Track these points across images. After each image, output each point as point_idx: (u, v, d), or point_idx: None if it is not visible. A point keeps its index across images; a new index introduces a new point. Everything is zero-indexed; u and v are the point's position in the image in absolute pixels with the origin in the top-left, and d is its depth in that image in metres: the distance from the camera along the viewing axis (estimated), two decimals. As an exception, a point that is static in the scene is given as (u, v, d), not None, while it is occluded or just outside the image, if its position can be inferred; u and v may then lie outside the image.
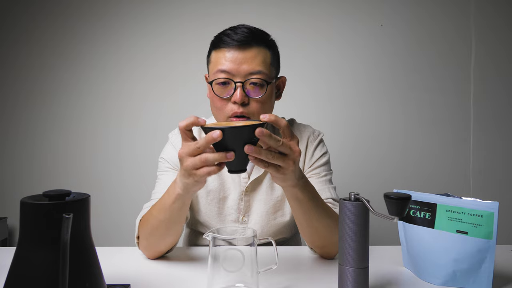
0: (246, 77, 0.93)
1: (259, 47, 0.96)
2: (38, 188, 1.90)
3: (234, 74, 0.93)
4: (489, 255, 0.76)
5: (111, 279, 0.79)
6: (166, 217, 0.85)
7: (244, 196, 1.06)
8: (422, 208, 0.83)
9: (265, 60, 0.96)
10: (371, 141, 1.98)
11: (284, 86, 1.09)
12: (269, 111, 1.00)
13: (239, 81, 0.93)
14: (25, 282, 0.54)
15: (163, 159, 1.09)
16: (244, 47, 0.94)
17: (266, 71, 0.96)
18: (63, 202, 0.55)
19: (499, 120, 1.97)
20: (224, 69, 0.94)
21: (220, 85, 0.95)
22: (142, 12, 2.01)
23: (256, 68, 0.94)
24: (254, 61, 0.94)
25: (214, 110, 1.00)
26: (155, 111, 2.00)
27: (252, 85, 0.94)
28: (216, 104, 0.97)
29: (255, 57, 0.95)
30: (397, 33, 1.98)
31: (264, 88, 0.95)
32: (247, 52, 0.94)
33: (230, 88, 0.94)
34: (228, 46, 0.95)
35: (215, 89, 0.96)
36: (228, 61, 0.94)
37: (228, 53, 0.94)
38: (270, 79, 0.97)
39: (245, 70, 0.93)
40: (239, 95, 0.92)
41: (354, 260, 0.70)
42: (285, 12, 1.97)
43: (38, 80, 2.03)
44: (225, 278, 0.70)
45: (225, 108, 0.95)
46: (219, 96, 0.95)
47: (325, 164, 1.09)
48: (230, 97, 0.94)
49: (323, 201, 0.90)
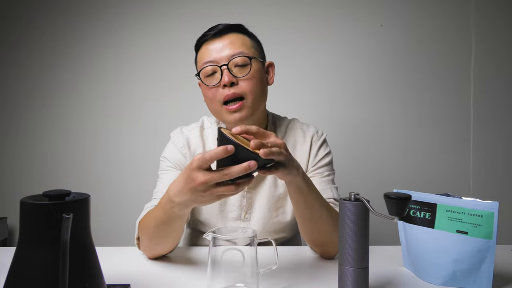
0: (228, 59, 0.97)
1: (236, 33, 1.01)
2: (38, 188, 1.90)
3: (218, 61, 0.98)
4: (489, 255, 0.76)
5: (111, 279, 0.79)
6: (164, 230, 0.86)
7: (247, 193, 1.06)
8: (422, 208, 0.83)
9: (244, 43, 1.01)
10: (371, 141, 1.98)
11: (274, 71, 1.10)
12: (260, 90, 1.01)
13: (223, 64, 0.97)
14: (25, 282, 0.54)
15: (164, 158, 1.09)
16: (221, 36, 1.00)
17: (247, 51, 0.99)
18: (63, 202, 0.55)
19: (499, 120, 1.97)
20: (208, 60, 0.99)
21: (208, 76, 0.99)
22: (142, 12, 2.01)
23: (237, 50, 0.98)
24: (233, 45, 0.99)
25: (208, 103, 1.03)
26: (155, 111, 2.00)
27: (237, 67, 0.98)
28: (208, 95, 1.00)
29: (234, 42, 0.99)
30: (397, 33, 1.98)
31: (249, 66, 0.98)
32: (226, 39, 1.00)
33: (218, 75, 0.98)
34: (207, 39, 1.01)
35: (204, 81, 1.00)
36: (211, 52, 0.99)
37: (209, 45, 1.00)
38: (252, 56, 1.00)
39: (227, 54, 0.98)
40: (226, 77, 0.96)
41: (354, 260, 0.70)
42: (285, 12, 1.97)
43: (38, 80, 2.03)
44: (225, 278, 0.70)
45: (216, 95, 0.98)
46: (208, 85, 0.99)
47: (328, 164, 1.09)
48: (219, 83, 0.97)
49: (322, 196, 0.90)
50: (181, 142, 1.08)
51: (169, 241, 0.91)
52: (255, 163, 0.65)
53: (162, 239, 0.89)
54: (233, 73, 0.97)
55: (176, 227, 0.86)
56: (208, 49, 1.00)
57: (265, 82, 1.04)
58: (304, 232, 0.94)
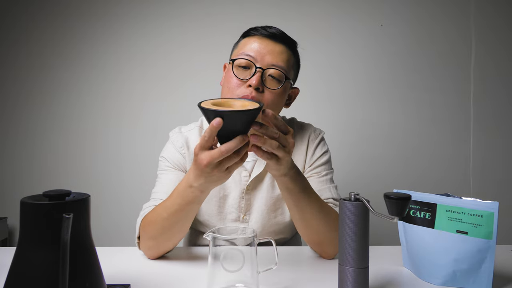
0: (267, 66, 0.96)
1: (287, 48, 1.01)
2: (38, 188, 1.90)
3: (257, 60, 0.97)
4: (489, 255, 0.76)
5: (111, 279, 0.79)
6: (180, 218, 0.86)
7: (245, 195, 1.06)
8: (422, 208, 0.83)
9: (288, 60, 1.00)
10: (371, 141, 1.98)
11: (295, 97, 1.10)
12: (276, 108, 1.00)
13: (260, 67, 0.96)
14: (25, 282, 0.54)
15: (163, 158, 1.09)
16: (274, 40, 0.99)
17: (287, 69, 0.99)
18: (63, 202, 0.55)
19: (499, 120, 1.97)
20: (249, 53, 0.97)
21: (240, 67, 0.98)
22: (142, 12, 2.01)
23: (279, 63, 0.98)
24: (279, 56, 0.98)
25: (225, 91, 1.01)
26: (155, 111, 2.00)
27: (270, 77, 0.97)
28: (230, 84, 0.98)
29: (281, 53, 0.99)
30: (397, 33, 1.98)
31: (281, 83, 0.98)
32: (276, 46, 0.99)
33: (249, 72, 0.97)
34: (261, 35, 1.00)
35: (234, 69, 0.98)
36: (256, 47, 0.98)
37: (258, 41, 0.99)
38: (288, 77, 1.00)
39: (268, 60, 0.97)
40: (256, 79, 0.94)
41: (354, 260, 0.70)
42: (285, 12, 1.97)
43: (38, 80, 2.03)
44: (225, 278, 0.70)
45: (237, 89, 0.97)
46: (236, 76, 0.97)
47: (326, 163, 1.09)
48: (246, 80, 0.96)
49: (318, 196, 0.91)
50: (180, 142, 1.08)
51: (179, 234, 0.91)
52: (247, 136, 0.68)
53: (173, 230, 0.89)
54: (263, 80, 0.96)
55: (191, 214, 0.87)
56: (256, 43, 0.98)
57: (283, 103, 1.04)
58: (299, 230, 0.95)
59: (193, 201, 0.81)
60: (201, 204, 0.86)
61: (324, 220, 0.89)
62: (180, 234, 0.92)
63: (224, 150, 0.68)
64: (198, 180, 0.76)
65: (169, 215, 0.86)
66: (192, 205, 0.83)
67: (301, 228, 0.93)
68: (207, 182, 0.76)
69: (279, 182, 0.84)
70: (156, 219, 0.89)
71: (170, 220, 0.87)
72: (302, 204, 0.87)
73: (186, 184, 0.80)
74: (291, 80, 1.03)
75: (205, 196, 0.82)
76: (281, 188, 0.85)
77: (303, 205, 0.87)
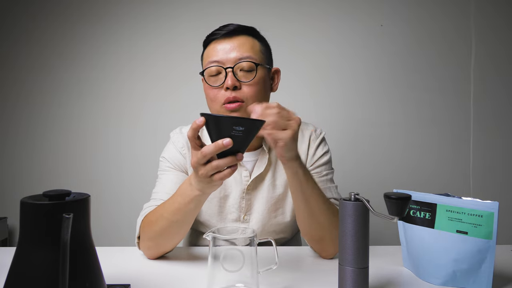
0: (235, 62, 0.97)
1: (246, 36, 1.01)
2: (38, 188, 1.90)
3: (224, 63, 0.97)
4: (489, 255, 0.76)
5: (111, 279, 0.79)
6: (180, 218, 0.86)
7: (246, 195, 1.06)
8: (422, 208, 0.83)
9: (253, 47, 1.00)
10: (371, 141, 1.98)
11: (279, 78, 1.09)
12: (262, 97, 1.00)
13: (228, 67, 0.96)
14: (25, 282, 0.54)
15: (164, 159, 1.09)
16: (231, 36, 0.99)
17: (255, 56, 0.99)
18: (63, 202, 0.55)
19: (499, 120, 1.97)
20: (215, 59, 0.98)
21: (212, 76, 0.99)
22: (142, 12, 2.01)
23: (245, 54, 0.98)
24: (242, 48, 0.98)
25: (209, 103, 1.02)
26: (155, 111, 2.00)
27: (242, 72, 0.98)
28: (209, 95, 1.00)
29: (243, 44, 0.99)
30: (397, 33, 1.98)
31: (254, 72, 0.98)
32: (235, 40, 0.99)
33: (222, 76, 0.98)
34: (217, 38, 1.00)
35: (207, 80, 0.99)
36: (218, 51, 0.98)
37: (217, 45, 0.99)
38: (258, 63, 0.99)
39: (234, 57, 0.97)
40: (230, 80, 0.95)
41: (354, 260, 0.70)
42: (284, 12, 1.97)
43: (38, 80, 2.03)
44: (225, 278, 0.70)
45: (218, 96, 0.98)
46: (211, 85, 0.99)
47: (327, 163, 1.09)
48: (222, 85, 0.97)
49: (321, 190, 0.91)
50: (181, 143, 1.08)
51: (179, 235, 0.91)
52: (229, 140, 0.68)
53: (171, 231, 0.89)
54: (238, 77, 0.97)
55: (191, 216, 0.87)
56: (216, 48, 0.99)
57: (268, 88, 1.04)
58: (301, 223, 0.94)
59: (192, 200, 0.82)
60: (200, 208, 0.86)
61: (327, 214, 0.90)
62: (179, 236, 0.92)
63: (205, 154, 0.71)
64: (195, 178, 0.78)
65: (169, 214, 0.86)
66: (191, 204, 0.83)
67: (306, 221, 0.92)
68: (201, 182, 0.76)
69: (289, 168, 0.84)
70: (157, 219, 0.90)
71: (170, 220, 0.87)
72: (309, 193, 0.87)
73: (188, 181, 0.82)
74: (265, 65, 1.02)
75: (204, 198, 0.82)
76: (290, 175, 0.86)
77: (310, 195, 0.87)
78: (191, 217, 0.88)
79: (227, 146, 0.68)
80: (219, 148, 0.69)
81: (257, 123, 0.71)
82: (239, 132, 0.68)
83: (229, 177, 0.74)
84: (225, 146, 0.68)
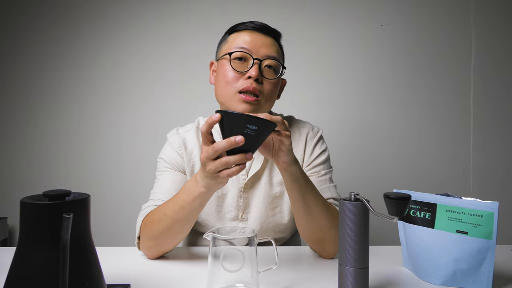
0: (263, 57, 0.99)
1: (275, 40, 1.04)
2: (38, 188, 1.90)
3: (253, 53, 0.99)
4: (489, 255, 0.76)
5: (111, 279, 0.79)
6: (184, 216, 0.86)
7: (243, 193, 1.06)
8: (422, 208, 0.83)
9: (278, 52, 1.04)
10: (371, 141, 1.98)
11: (283, 88, 1.12)
12: (273, 97, 1.04)
13: (257, 58, 0.98)
14: (25, 282, 0.54)
15: (161, 159, 1.09)
16: (264, 33, 1.02)
17: (280, 60, 1.03)
18: (63, 202, 0.55)
19: (499, 120, 1.97)
20: (244, 46, 0.99)
21: (236, 59, 0.99)
22: (142, 12, 2.01)
23: (273, 53, 1.01)
24: (271, 48, 1.01)
25: (222, 86, 1.01)
26: (155, 111, 2.00)
27: (267, 68, 1.00)
28: (227, 78, 0.99)
29: (273, 45, 1.02)
30: (397, 33, 1.98)
31: (277, 73, 1.01)
32: (267, 38, 1.02)
33: (246, 65, 0.99)
34: (249, 29, 1.02)
35: (232, 62, 0.99)
36: (248, 40, 1.00)
37: (249, 34, 1.01)
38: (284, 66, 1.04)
39: (263, 52, 0.99)
40: (255, 70, 0.97)
41: (354, 260, 0.70)
42: (285, 12, 1.97)
43: (38, 80, 2.03)
44: (225, 278, 0.70)
45: (236, 82, 0.98)
46: (235, 69, 0.98)
47: (325, 162, 1.09)
48: (244, 73, 0.98)
49: (319, 192, 0.91)
50: (178, 143, 1.08)
51: (181, 234, 0.91)
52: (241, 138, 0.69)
53: (174, 230, 0.89)
54: (261, 71, 0.99)
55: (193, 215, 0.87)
56: (248, 36, 1.00)
57: (277, 94, 1.07)
58: (301, 226, 0.94)
59: (197, 198, 0.82)
60: (203, 206, 0.86)
61: (327, 215, 0.90)
62: (181, 235, 0.92)
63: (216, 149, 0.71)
64: (201, 174, 0.78)
65: (172, 213, 0.86)
66: (196, 202, 0.83)
67: (305, 223, 0.92)
68: (207, 178, 0.77)
69: (288, 174, 0.84)
70: (160, 218, 0.90)
71: (173, 219, 0.87)
72: (308, 196, 0.87)
73: (193, 178, 0.82)
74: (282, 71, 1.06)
75: (208, 196, 0.83)
76: (289, 180, 0.85)
77: (309, 197, 0.87)
78: (194, 215, 0.88)
79: (239, 143, 0.68)
80: (231, 145, 0.69)
81: (270, 124, 0.71)
82: (252, 131, 0.69)
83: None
84: (237, 143, 0.68)
